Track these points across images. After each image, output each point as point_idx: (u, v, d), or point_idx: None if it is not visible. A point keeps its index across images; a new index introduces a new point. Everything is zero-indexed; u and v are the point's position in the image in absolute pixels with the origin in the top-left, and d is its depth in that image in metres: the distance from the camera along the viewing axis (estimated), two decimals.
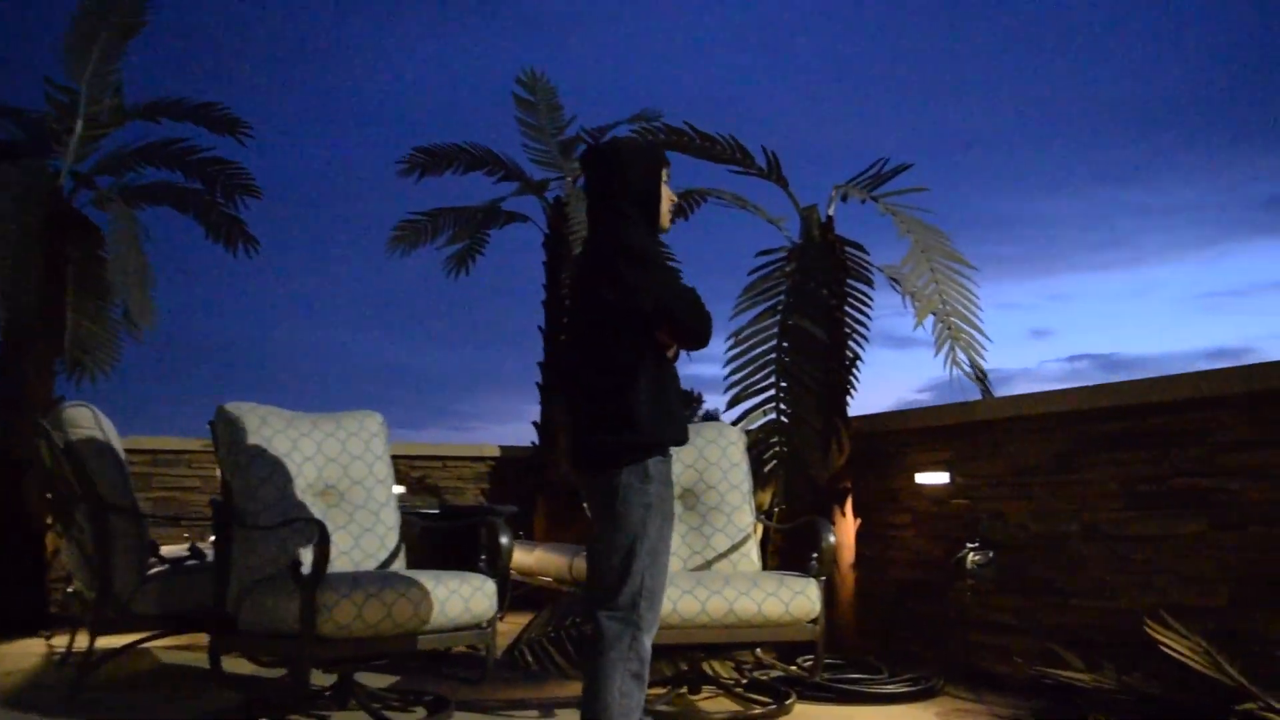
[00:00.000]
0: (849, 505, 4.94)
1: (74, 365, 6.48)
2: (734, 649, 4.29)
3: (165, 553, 4.43)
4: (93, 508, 4.05)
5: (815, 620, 3.75)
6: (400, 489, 7.29)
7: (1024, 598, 4.32)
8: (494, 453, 7.81)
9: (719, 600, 3.64)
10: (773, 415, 4.84)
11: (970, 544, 4.45)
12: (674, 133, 5.40)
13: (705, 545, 4.19)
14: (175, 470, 6.98)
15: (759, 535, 4.34)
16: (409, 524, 4.08)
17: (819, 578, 3.79)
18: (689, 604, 3.62)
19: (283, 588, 3.36)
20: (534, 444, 7.68)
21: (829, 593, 3.89)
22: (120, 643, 4.30)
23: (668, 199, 2.94)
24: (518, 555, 6.01)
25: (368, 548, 3.91)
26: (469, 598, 3.55)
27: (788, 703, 3.89)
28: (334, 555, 3.78)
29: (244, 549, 3.65)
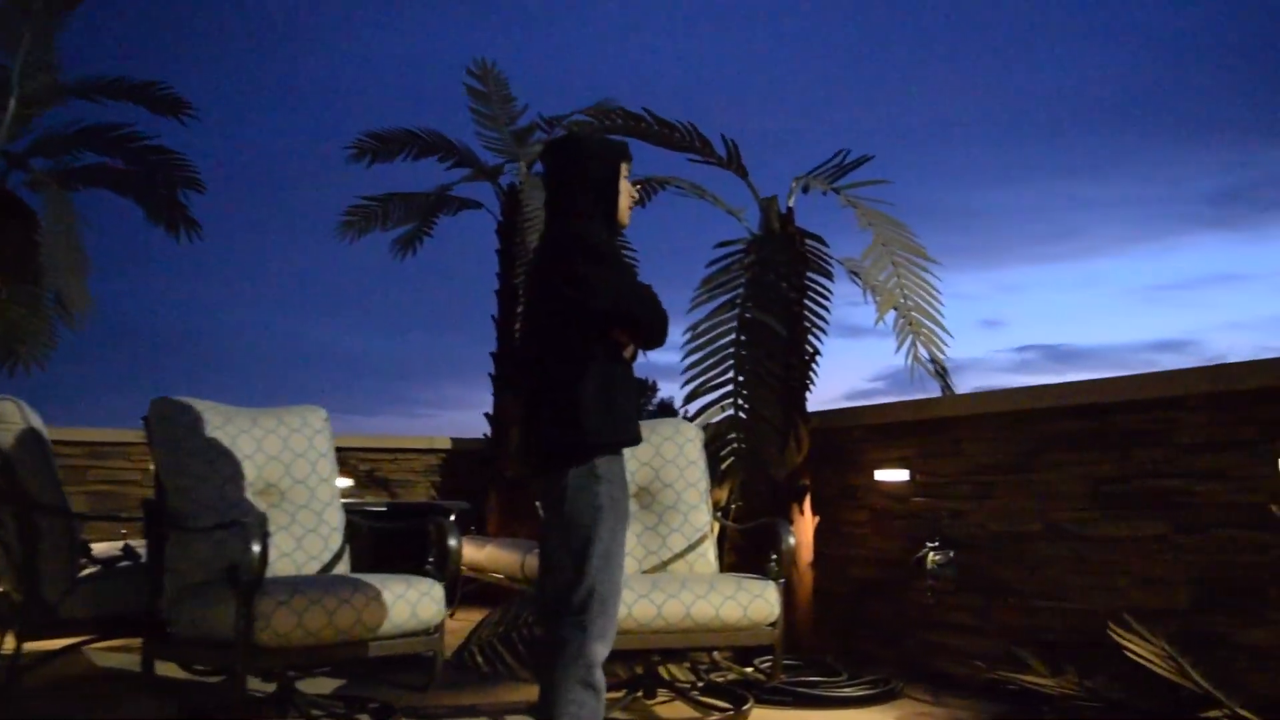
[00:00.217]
0: (807, 503, 4.85)
1: (7, 355, 6.23)
2: (691, 652, 4.19)
3: (97, 552, 4.23)
4: (17, 507, 3.84)
5: (774, 624, 3.65)
6: (348, 482, 7.10)
7: (984, 598, 4.26)
8: (445, 445, 7.64)
9: (675, 604, 3.53)
10: (731, 411, 4.74)
11: (930, 543, 4.38)
12: (631, 119, 5.27)
13: (661, 545, 4.08)
14: (113, 463, 6.73)
15: (716, 534, 4.24)
16: (354, 524, 3.92)
17: (778, 580, 3.69)
18: (645, 608, 3.51)
19: (218, 593, 3.20)
20: (486, 435, 7.53)
21: (786, 593, 3.80)
22: (51, 646, 4.11)
23: (627, 194, 2.83)
24: (469, 551, 5.87)
25: (310, 549, 3.75)
26: (416, 603, 3.41)
27: (745, 708, 3.79)
28: (275, 558, 3.63)
29: (178, 551, 3.48)
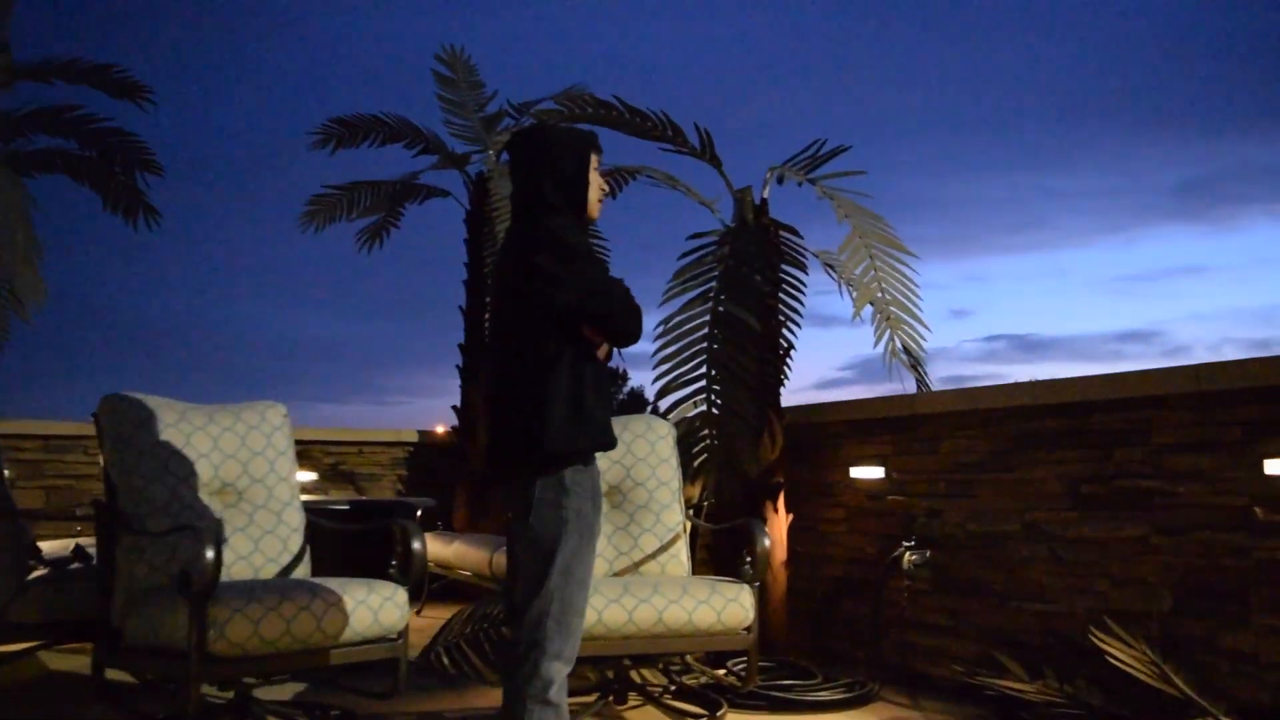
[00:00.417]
0: (781, 500, 4.76)
1: None
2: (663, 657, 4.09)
3: (48, 552, 4.08)
4: None
5: (749, 628, 3.55)
6: (312, 475, 6.95)
7: (961, 599, 4.19)
8: (412, 438, 7.50)
9: (647, 609, 3.43)
10: (704, 407, 4.63)
11: (906, 543, 4.30)
12: (602, 107, 5.15)
13: (633, 546, 3.97)
14: (70, 457, 6.54)
15: (688, 534, 4.14)
16: (315, 525, 3.79)
17: (753, 583, 3.60)
18: (616, 613, 3.40)
19: (170, 600, 3.06)
20: (453, 428, 7.39)
21: (760, 592, 3.70)
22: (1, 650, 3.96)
23: (597, 187, 2.70)
24: (436, 547, 5.74)
25: (269, 552, 3.61)
26: (378, 609, 3.28)
27: (719, 713, 3.70)
28: (231, 560, 3.50)
29: (129, 555, 3.34)
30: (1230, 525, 3.29)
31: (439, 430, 7.69)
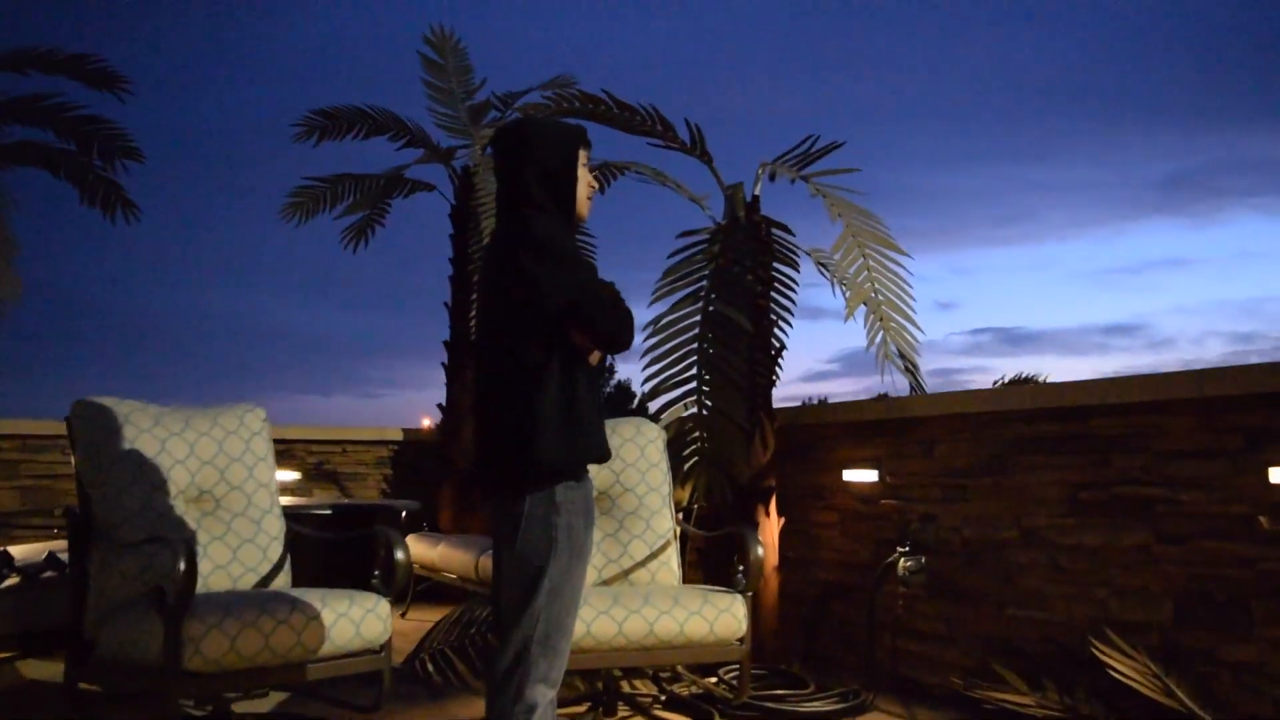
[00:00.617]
0: (773, 504, 4.67)
1: None
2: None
3: (21, 558, 3.96)
4: None
5: (742, 639, 3.47)
6: (295, 475, 6.84)
7: (956, 606, 4.11)
8: (396, 436, 7.39)
9: (638, 620, 3.34)
10: (694, 409, 4.54)
11: (901, 548, 4.22)
12: (590, 101, 5.04)
13: (622, 553, 3.88)
14: (46, 456, 6.40)
15: (678, 539, 4.05)
16: (296, 533, 3.68)
17: (746, 593, 3.51)
18: (605, 625, 3.31)
19: (144, 615, 2.96)
20: (438, 426, 7.29)
21: (752, 600, 3.61)
22: None
23: (586, 184, 2.58)
24: (421, 549, 5.65)
25: (247, 561, 3.51)
26: (360, 621, 3.18)
27: None
28: (209, 570, 3.40)
29: (103, 566, 3.23)
30: (1233, 534, 3.22)
31: (425, 424, 7.58)
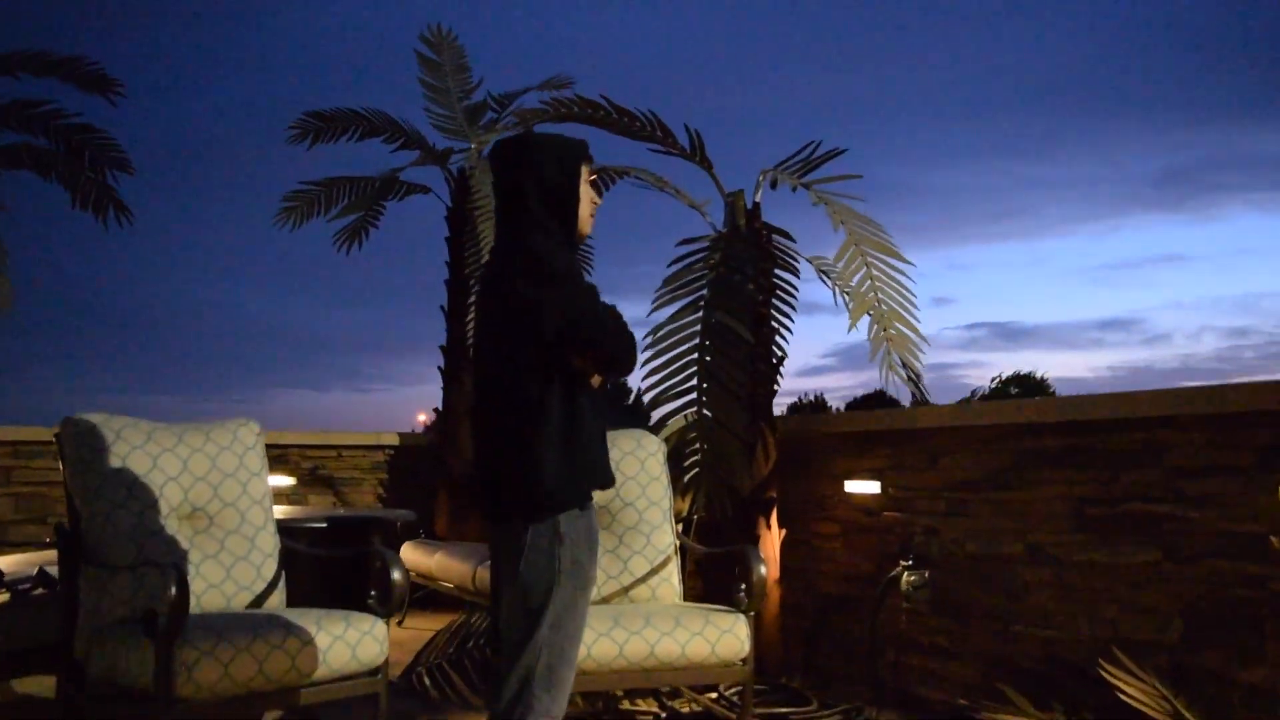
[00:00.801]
0: (774, 516, 4.61)
1: None
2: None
3: (9, 573, 3.89)
4: None
5: (745, 660, 3.41)
6: (290, 481, 6.77)
7: (960, 621, 4.06)
8: (393, 441, 7.32)
9: (639, 642, 3.28)
10: (694, 421, 4.47)
11: (904, 562, 4.17)
12: (588, 106, 4.96)
13: (623, 569, 3.82)
14: (39, 463, 6.32)
15: (679, 552, 3.98)
16: (290, 549, 3.62)
17: (748, 613, 3.45)
18: (606, 647, 3.25)
19: (135, 640, 2.90)
20: (432, 429, 7.23)
21: (754, 618, 3.55)
22: None
23: (589, 201, 2.50)
24: (417, 558, 5.58)
25: (241, 579, 3.44)
26: (356, 643, 3.12)
27: None
28: (202, 590, 3.33)
29: (93, 587, 3.16)
30: (1245, 554, 3.17)
31: (420, 419, 7.54)
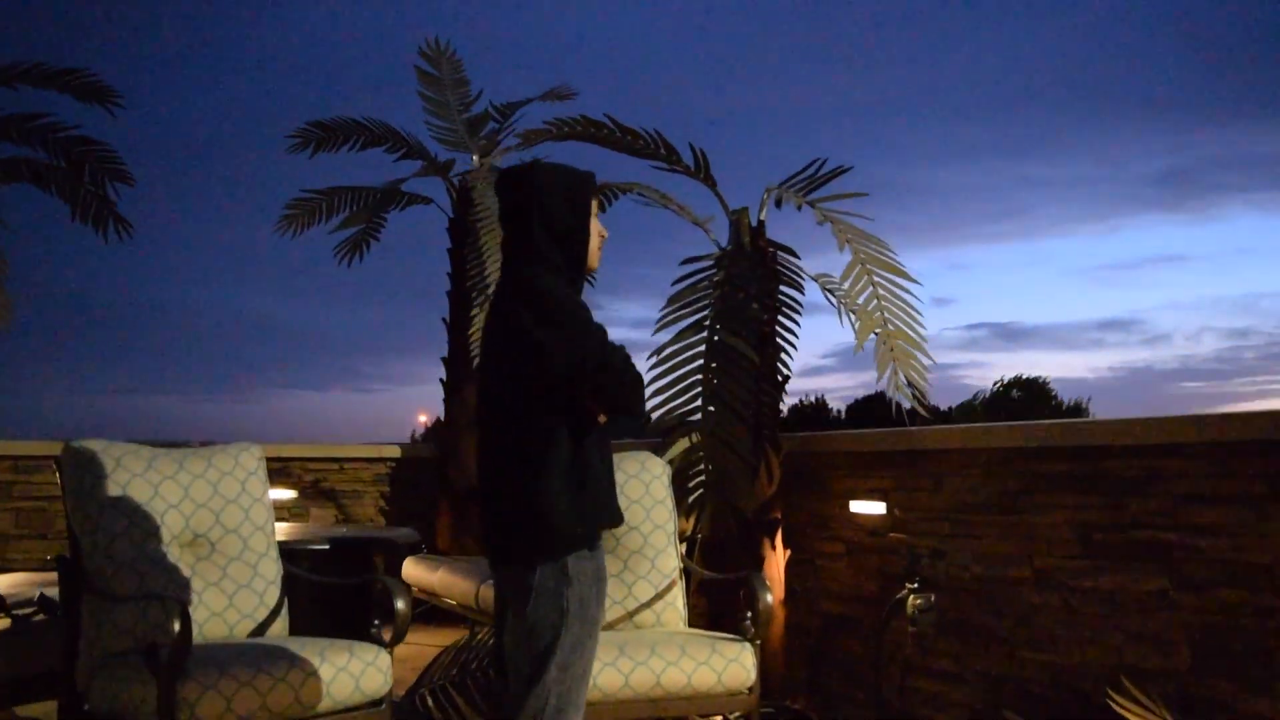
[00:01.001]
0: (779, 537, 4.59)
1: None
2: None
3: (9, 597, 3.87)
4: None
5: (752, 689, 3.39)
6: (291, 494, 6.75)
7: (966, 644, 4.03)
8: (394, 453, 7.30)
9: (644, 672, 3.25)
10: (699, 441, 4.45)
11: (910, 584, 4.14)
12: (592, 125, 4.95)
13: (627, 595, 3.79)
14: (39, 477, 6.30)
15: (684, 576, 3.96)
16: (293, 576, 3.59)
17: (754, 641, 3.43)
18: (611, 677, 3.23)
19: (137, 673, 2.87)
20: (430, 426, 7.21)
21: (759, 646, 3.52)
22: None
23: (597, 235, 2.48)
24: (420, 573, 5.55)
25: (243, 607, 3.42)
26: (359, 675, 3.10)
27: None
28: (204, 618, 3.31)
29: (95, 617, 3.14)
30: (1254, 584, 3.15)
31: (421, 419, 7.54)
